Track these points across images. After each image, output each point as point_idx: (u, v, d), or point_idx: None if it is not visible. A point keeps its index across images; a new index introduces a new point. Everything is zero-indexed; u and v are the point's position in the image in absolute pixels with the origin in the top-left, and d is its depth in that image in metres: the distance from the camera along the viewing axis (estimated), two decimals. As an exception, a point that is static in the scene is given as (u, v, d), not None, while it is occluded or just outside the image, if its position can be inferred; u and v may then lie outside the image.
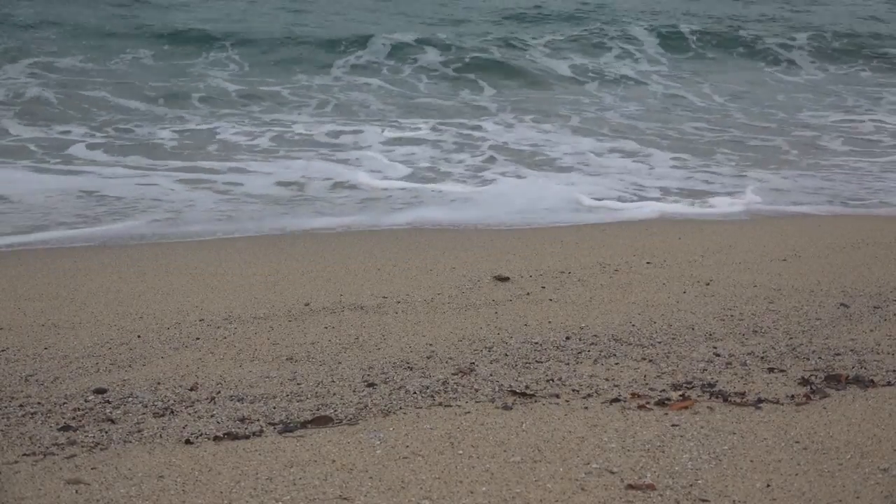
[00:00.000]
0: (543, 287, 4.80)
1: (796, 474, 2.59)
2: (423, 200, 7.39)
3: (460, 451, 2.72)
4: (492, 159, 8.88)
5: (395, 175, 8.22)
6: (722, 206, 7.45)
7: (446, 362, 3.64)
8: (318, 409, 3.14)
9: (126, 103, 10.89)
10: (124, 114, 10.40)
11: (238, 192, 7.51)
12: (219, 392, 3.34)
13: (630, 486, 2.51)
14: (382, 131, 9.89)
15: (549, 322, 4.19)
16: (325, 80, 12.74)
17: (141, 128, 9.77)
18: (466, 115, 10.95)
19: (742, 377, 3.45)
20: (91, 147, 8.93)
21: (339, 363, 3.66)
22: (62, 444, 2.86)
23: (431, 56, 13.94)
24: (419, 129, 10.08)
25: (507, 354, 3.74)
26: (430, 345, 3.87)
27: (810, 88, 13.53)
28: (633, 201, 7.51)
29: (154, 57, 13.37)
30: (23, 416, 3.11)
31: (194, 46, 13.89)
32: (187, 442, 2.86)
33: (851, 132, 10.60)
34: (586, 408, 3.10)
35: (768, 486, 2.52)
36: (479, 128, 10.19)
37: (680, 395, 3.23)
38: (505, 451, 2.73)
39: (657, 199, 7.59)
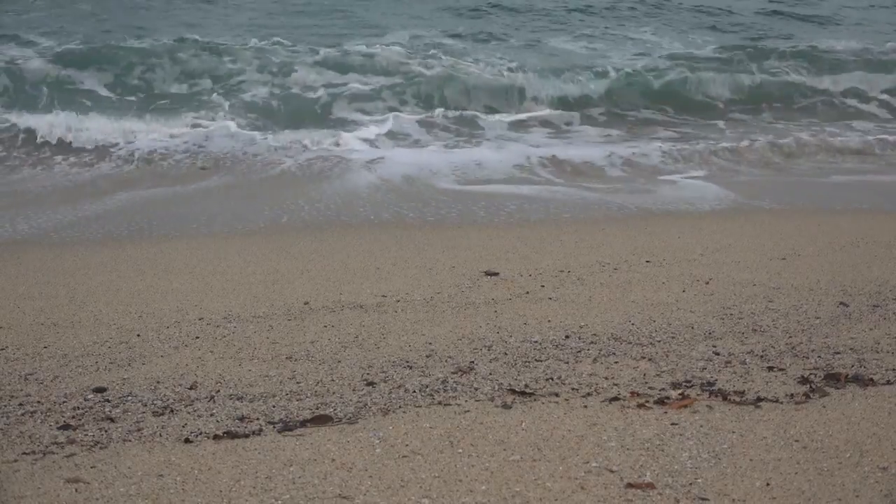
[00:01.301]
0: (543, 286, 4.80)
1: (796, 473, 2.59)
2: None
3: (460, 450, 2.72)
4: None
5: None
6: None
7: (446, 361, 3.64)
8: (317, 408, 3.14)
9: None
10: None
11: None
12: (218, 391, 3.34)
13: (629, 485, 2.51)
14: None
15: (549, 321, 4.19)
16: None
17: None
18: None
19: (741, 376, 3.45)
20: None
21: (339, 362, 3.66)
22: (62, 442, 2.86)
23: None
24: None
25: (506, 353, 3.74)
26: (430, 343, 3.87)
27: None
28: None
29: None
30: (22, 414, 3.11)
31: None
32: (187, 441, 2.86)
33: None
34: (586, 406, 3.10)
35: (768, 484, 2.52)
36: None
37: (679, 394, 3.23)
38: (504, 449, 2.73)
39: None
